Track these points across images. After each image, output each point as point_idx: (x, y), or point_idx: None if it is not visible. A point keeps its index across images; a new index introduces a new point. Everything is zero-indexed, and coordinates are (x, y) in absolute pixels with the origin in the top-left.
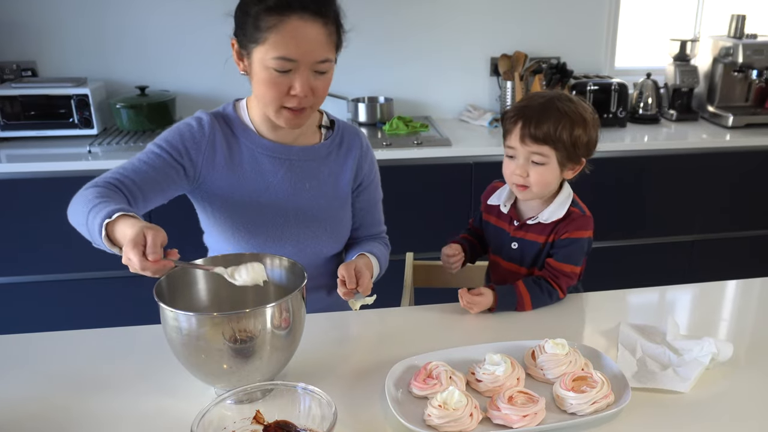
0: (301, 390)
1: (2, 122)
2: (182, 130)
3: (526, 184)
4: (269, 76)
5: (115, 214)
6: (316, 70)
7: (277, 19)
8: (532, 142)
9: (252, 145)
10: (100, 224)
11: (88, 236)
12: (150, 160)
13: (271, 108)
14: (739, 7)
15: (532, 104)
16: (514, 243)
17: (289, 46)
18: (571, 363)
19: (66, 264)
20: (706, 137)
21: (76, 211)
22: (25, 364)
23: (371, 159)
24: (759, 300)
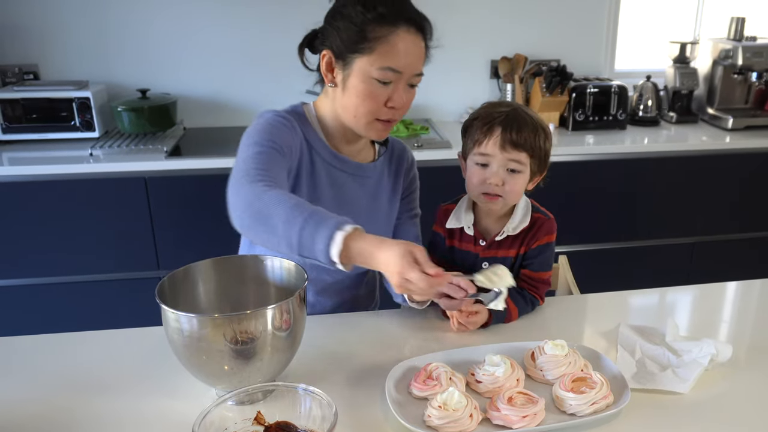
0: (302, 391)
1: (4, 125)
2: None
3: (500, 194)
4: (369, 87)
5: (346, 226)
6: (410, 83)
7: (388, 29)
8: (512, 149)
9: (320, 153)
10: (328, 236)
11: (287, 249)
12: (275, 158)
13: (364, 120)
14: (738, 9)
15: (507, 111)
16: (485, 263)
17: (398, 57)
18: (571, 364)
19: (68, 266)
20: (705, 139)
21: (260, 222)
22: (27, 366)
23: (414, 173)
24: (759, 301)
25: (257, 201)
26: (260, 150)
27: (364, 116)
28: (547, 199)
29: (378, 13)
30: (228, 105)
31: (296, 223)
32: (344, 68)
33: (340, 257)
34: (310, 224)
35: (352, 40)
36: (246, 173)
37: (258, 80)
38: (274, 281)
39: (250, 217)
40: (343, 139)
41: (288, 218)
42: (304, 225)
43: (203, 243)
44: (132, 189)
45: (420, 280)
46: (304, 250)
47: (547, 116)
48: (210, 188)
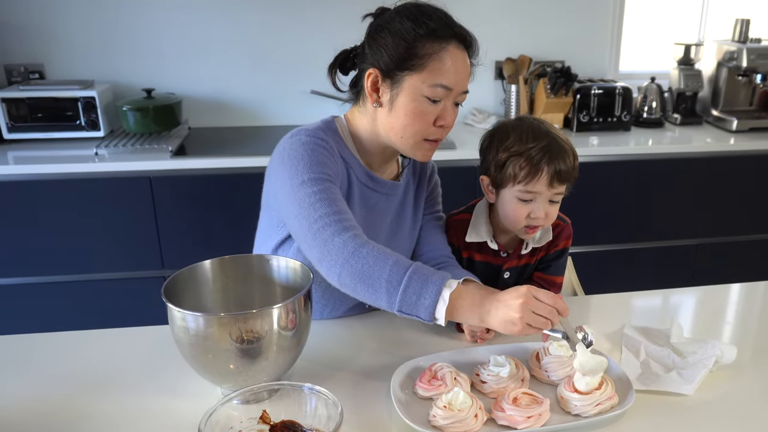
0: (308, 390)
1: (10, 124)
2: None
3: (543, 224)
4: (419, 105)
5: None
6: (457, 101)
7: (439, 46)
8: (559, 183)
9: (358, 173)
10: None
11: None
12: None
13: (412, 140)
14: (743, 11)
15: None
16: (507, 273)
17: (449, 73)
18: None
19: (73, 265)
20: (710, 141)
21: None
22: (32, 365)
23: (436, 180)
24: (763, 303)
25: (354, 258)
26: (320, 188)
27: (412, 136)
28: None
29: (429, 28)
30: (233, 105)
31: (401, 282)
32: (392, 87)
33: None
34: (416, 282)
35: (402, 57)
36: (323, 222)
37: (263, 80)
38: (280, 281)
39: (350, 276)
40: (380, 158)
41: (390, 277)
42: (408, 284)
43: (208, 242)
44: (137, 188)
45: (548, 298)
46: (406, 308)
47: (552, 118)
48: (215, 188)
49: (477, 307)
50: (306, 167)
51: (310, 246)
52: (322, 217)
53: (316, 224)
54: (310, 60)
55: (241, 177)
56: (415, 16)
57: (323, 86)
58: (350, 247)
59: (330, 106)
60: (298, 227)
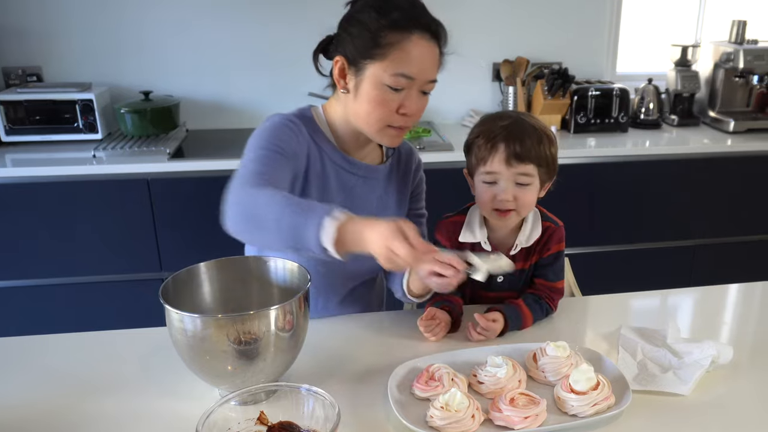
0: (305, 391)
1: (8, 127)
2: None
3: (512, 208)
4: (381, 93)
5: (337, 212)
6: (423, 90)
7: (401, 35)
8: (518, 163)
9: (329, 155)
10: (318, 224)
11: (281, 245)
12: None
13: (375, 126)
14: (740, 12)
15: (505, 124)
16: (500, 277)
17: (411, 63)
18: (572, 365)
19: (71, 268)
20: (707, 142)
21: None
22: (30, 367)
23: (421, 175)
24: (760, 304)
25: (248, 202)
26: (263, 154)
27: (376, 123)
28: (549, 201)
29: (392, 18)
30: (231, 107)
31: (285, 217)
32: (357, 74)
33: (333, 243)
34: (299, 216)
35: (365, 46)
36: (244, 178)
37: (261, 82)
38: (277, 282)
39: (242, 219)
40: (355, 143)
41: (278, 214)
42: (293, 217)
43: (206, 244)
44: (135, 191)
45: (406, 252)
46: (297, 242)
47: (549, 119)
48: (213, 190)
49: (358, 240)
50: (263, 139)
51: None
52: (247, 176)
53: (236, 178)
54: (307, 62)
55: None
56: (381, 6)
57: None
58: (247, 191)
59: None
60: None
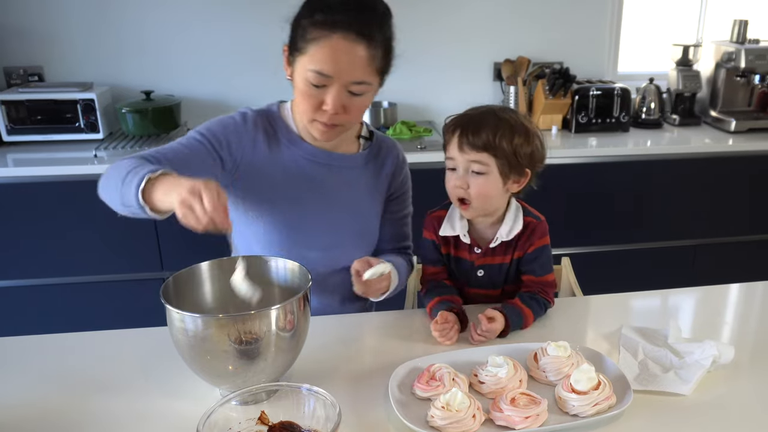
0: (306, 391)
1: (9, 126)
2: (226, 122)
3: (466, 197)
4: (305, 87)
5: (158, 171)
6: (350, 90)
7: (321, 33)
8: (470, 150)
9: (293, 147)
10: (138, 182)
11: (118, 202)
12: (190, 144)
13: (305, 118)
14: (741, 12)
15: (472, 113)
16: (480, 270)
17: (326, 62)
18: (573, 365)
19: (72, 267)
20: (708, 142)
21: (108, 177)
22: (31, 366)
23: (405, 173)
24: (761, 304)
25: (112, 168)
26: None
27: (304, 114)
28: (550, 201)
29: (318, 15)
30: (232, 107)
31: (121, 177)
32: (291, 65)
33: (145, 196)
34: (130, 175)
35: (295, 40)
36: (140, 153)
37: (262, 82)
38: (278, 282)
39: (100, 184)
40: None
41: (121, 176)
42: (125, 176)
43: (207, 244)
44: None
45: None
46: (124, 199)
47: (550, 119)
48: None
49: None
50: (199, 127)
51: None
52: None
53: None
54: None
55: None
56: (311, 2)
57: None
58: (115, 163)
59: None
60: None
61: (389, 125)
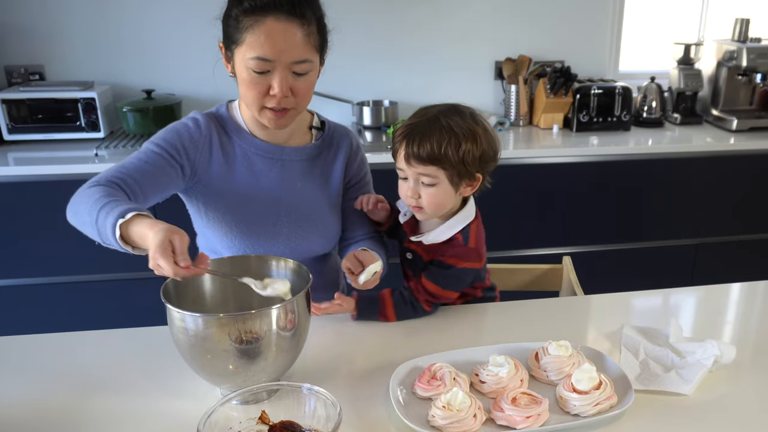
0: (307, 391)
1: (10, 125)
2: (180, 129)
3: (420, 206)
4: (249, 76)
5: (128, 214)
6: (294, 71)
7: (254, 19)
8: (417, 163)
9: (245, 145)
10: (113, 224)
11: (96, 235)
12: (150, 159)
13: (254, 108)
14: (743, 10)
15: (418, 121)
16: (409, 253)
17: (264, 46)
18: (575, 365)
19: (72, 266)
20: (710, 141)
21: (79, 211)
22: (31, 365)
23: (361, 158)
24: (762, 303)
25: (77, 200)
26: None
27: (252, 104)
28: (550, 200)
29: (245, 6)
30: None
31: (93, 215)
32: (231, 60)
33: (123, 240)
34: (102, 213)
35: (229, 33)
36: (103, 175)
37: None
38: None
39: (71, 216)
40: (262, 126)
41: (90, 212)
42: (98, 215)
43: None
44: None
45: (168, 267)
46: (107, 237)
47: (552, 117)
48: None
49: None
50: (154, 138)
51: None
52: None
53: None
54: None
55: None
56: None
57: (321, 87)
58: (81, 190)
59: (329, 107)
60: None
61: (390, 124)
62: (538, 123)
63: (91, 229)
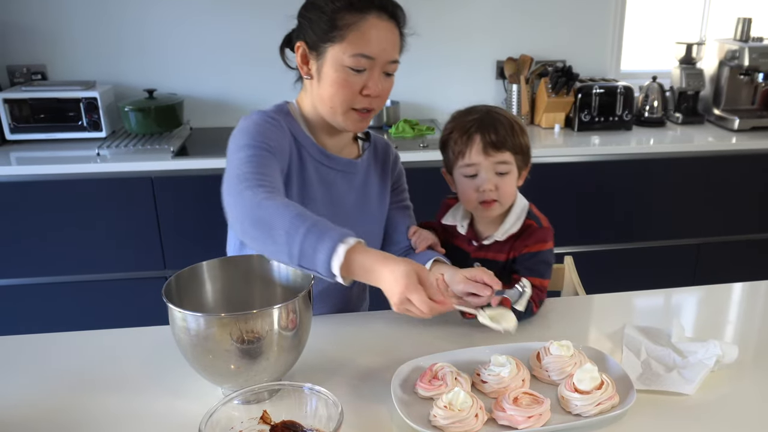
0: (308, 390)
1: (12, 125)
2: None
3: (495, 198)
4: (343, 75)
5: (350, 240)
6: (386, 71)
7: (358, 16)
8: (495, 151)
9: (311, 151)
10: (330, 249)
11: (284, 254)
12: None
13: (340, 110)
14: (745, 10)
15: (477, 117)
16: (477, 263)
17: (370, 43)
18: (576, 365)
19: (74, 266)
20: (711, 140)
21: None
22: (33, 365)
23: (400, 168)
24: (765, 303)
25: (258, 209)
26: (253, 153)
27: (339, 105)
28: (552, 199)
29: (347, 1)
30: (234, 105)
31: (298, 234)
32: (318, 59)
33: (341, 270)
34: (313, 235)
35: (323, 30)
36: (242, 177)
37: (264, 80)
38: (280, 281)
39: (251, 225)
40: (327, 133)
41: (290, 228)
42: (306, 235)
43: (209, 243)
44: (138, 189)
45: (422, 303)
46: (305, 261)
47: (553, 117)
48: (216, 188)
49: (368, 272)
50: (248, 137)
51: (225, 200)
52: (244, 174)
53: (236, 179)
54: None
55: None
56: None
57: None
58: (258, 198)
59: None
60: (223, 184)
61: (392, 124)
62: (540, 122)
63: (281, 246)
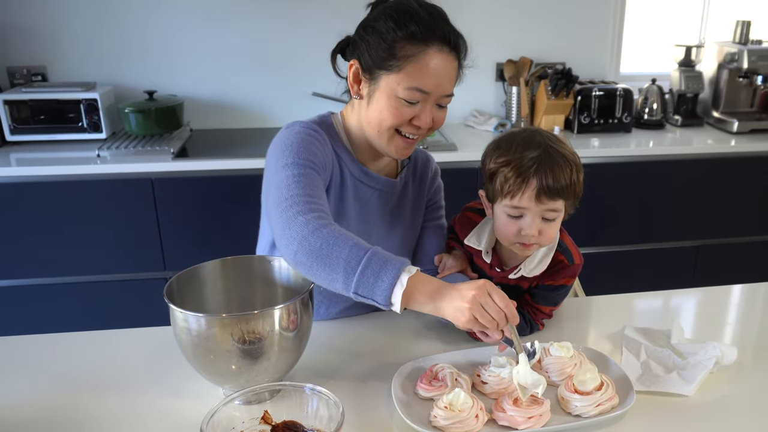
0: (309, 391)
1: (12, 126)
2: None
3: (537, 242)
4: (395, 105)
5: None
6: (439, 103)
7: (418, 48)
8: (548, 199)
9: (351, 168)
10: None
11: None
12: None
13: (386, 134)
14: (744, 13)
15: (536, 155)
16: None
17: (426, 77)
18: (576, 366)
19: (75, 267)
20: (711, 143)
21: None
22: (34, 365)
23: (438, 184)
24: (764, 304)
25: (313, 237)
26: (299, 172)
27: (387, 131)
28: None
29: (409, 31)
30: (234, 107)
31: (359, 263)
32: (371, 83)
33: (402, 297)
34: (375, 264)
35: (380, 57)
36: (292, 201)
37: (264, 82)
38: (281, 282)
39: (306, 254)
40: (369, 153)
41: (349, 256)
42: (368, 264)
43: (210, 243)
44: (139, 190)
45: (501, 298)
46: (362, 289)
47: (553, 119)
48: (216, 189)
49: (434, 294)
50: (292, 152)
51: (274, 223)
52: (293, 197)
53: (285, 202)
54: (311, 62)
55: (243, 179)
56: (399, 16)
57: (325, 88)
58: (312, 226)
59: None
60: (270, 205)
61: None
62: (540, 125)
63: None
